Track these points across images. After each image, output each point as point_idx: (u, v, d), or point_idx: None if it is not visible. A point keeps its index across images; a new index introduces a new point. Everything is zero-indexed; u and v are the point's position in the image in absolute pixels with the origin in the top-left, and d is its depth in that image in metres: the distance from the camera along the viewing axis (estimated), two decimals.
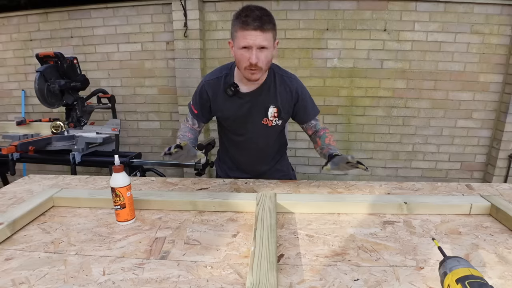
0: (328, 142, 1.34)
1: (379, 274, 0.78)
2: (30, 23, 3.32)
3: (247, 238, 0.96)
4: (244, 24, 1.12)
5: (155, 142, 3.54)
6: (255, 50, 1.15)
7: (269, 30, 1.15)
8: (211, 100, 1.37)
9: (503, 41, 2.92)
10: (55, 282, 0.75)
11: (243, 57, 1.17)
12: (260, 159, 1.53)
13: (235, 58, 1.23)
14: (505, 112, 2.98)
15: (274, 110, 1.35)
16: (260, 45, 1.14)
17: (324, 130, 1.41)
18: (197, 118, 1.45)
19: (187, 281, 0.75)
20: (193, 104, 1.43)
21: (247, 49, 1.16)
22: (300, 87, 1.37)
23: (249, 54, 1.16)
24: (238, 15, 1.15)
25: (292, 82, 1.36)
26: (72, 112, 2.61)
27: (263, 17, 1.12)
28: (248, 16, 1.11)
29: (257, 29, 1.12)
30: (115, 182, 1.00)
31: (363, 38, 3.01)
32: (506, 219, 1.02)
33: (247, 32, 1.12)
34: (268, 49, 1.18)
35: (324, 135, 1.38)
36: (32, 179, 1.47)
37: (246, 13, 1.12)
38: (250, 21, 1.11)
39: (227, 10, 3.04)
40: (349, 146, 3.32)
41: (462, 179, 3.30)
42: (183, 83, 3.17)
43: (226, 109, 1.37)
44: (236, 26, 1.16)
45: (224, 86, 1.33)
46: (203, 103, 1.39)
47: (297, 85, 1.36)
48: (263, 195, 1.16)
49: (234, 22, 1.17)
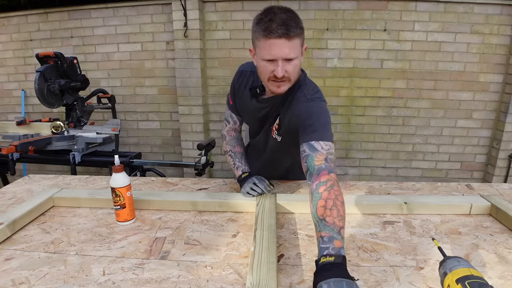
0: (323, 213, 0.80)
1: (379, 274, 0.78)
2: (30, 23, 3.32)
3: (247, 238, 0.96)
4: (267, 32, 0.93)
5: (155, 142, 3.54)
6: (281, 62, 0.96)
7: (297, 36, 0.95)
8: (236, 89, 1.25)
9: (503, 41, 2.92)
10: (55, 282, 0.75)
11: (267, 69, 0.99)
12: (270, 170, 1.38)
13: (258, 69, 1.06)
14: (505, 112, 2.97)
15: (276, 122, 1.17)
16: (287, 56, 0.95)
17: (319, 177, 0.88)
18: (233, 110, 1.31)
19: (187, 281, 0.75)
20: (230, 95, 1.29)
21: (271, 62, 0.97)
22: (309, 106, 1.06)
23: (273, 67, 0.97)
24: (259, 19, 0.96)
25: (304, 100, 1.08)
26: (72, 112, 2.61)
27: (288, 22, 0.92)
28: (272, 21, 0.92)
29: (282, 37, 0.92)
30: (115, 182, 1.00)
31: (363, 38, 3.01)
32: (506, 219, 1.02)
33: (271, 41, 0.93)
34: (297, 58, 0.98)
35: (317, 194, 0.86)
36: (32, 179, 1.47)
37: (270, 17, 0.93)
38: (274, 27, 0.92)
39: (227, 10, 3.04)
40: (349, 146, 3.32)
41: (462, 179, 3.30)
42: (183, 83, 3.17)
43: (245, 105, 1.25)
44: (257, 33, 0.96)
45: (252, 84, 1.19)
46: (234, 93, 1.28)
47: (306, 104, 1.07)
48: (263, 195, 1.16)
49: (255, 27, 0.97)
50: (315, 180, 0.89)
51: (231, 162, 1.32)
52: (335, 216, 0.79)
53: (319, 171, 0.90)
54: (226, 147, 1.36)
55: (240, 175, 1.26)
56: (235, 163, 1.31)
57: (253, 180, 1.21)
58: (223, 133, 1.38)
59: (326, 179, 0.87)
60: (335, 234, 0.75)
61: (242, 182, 1.22)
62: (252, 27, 1.00)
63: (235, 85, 1.26)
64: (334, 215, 0.79)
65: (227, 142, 1.36)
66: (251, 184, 1.19)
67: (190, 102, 3.21)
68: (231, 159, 1.33)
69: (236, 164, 1.30)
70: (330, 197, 0.83)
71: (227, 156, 1.35)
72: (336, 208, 0.81)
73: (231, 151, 1.34)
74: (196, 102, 3.19)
